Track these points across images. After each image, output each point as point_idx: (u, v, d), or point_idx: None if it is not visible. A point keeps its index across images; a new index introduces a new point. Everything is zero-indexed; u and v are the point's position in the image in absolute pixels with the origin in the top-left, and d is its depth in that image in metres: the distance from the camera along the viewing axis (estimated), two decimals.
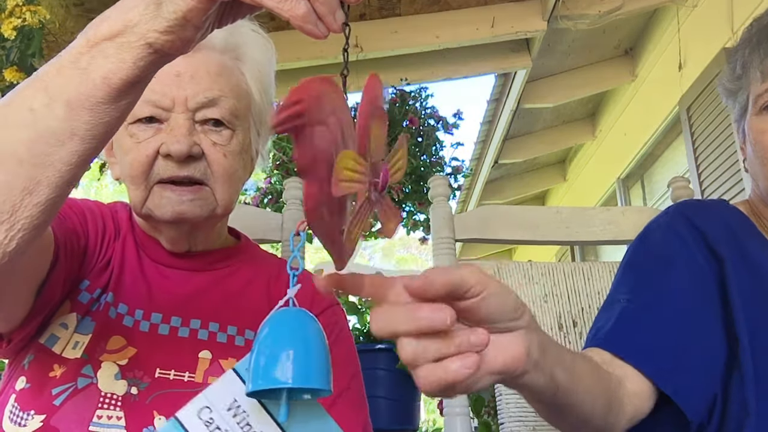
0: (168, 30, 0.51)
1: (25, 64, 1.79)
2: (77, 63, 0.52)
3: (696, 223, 0.93)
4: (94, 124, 0.53)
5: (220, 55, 0.84)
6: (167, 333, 0.82)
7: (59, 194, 0.55)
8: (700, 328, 0.87)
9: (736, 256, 0.90)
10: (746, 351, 0.84)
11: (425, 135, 2.40)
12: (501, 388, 1.20)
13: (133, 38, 0.51)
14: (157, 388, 0.78)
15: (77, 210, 0.84)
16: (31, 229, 0.54)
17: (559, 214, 1.31)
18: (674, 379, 0.82)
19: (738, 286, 0.88)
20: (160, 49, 0.52)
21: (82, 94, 0.52)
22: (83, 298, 0.80)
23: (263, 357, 0.60)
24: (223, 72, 0.84)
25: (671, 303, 0.88)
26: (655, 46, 3.54)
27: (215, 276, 0.89)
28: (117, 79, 0.52)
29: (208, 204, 0.82)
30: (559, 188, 5.42)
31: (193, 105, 0.80)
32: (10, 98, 0.55)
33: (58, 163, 0.53)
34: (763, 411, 0.82)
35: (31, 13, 1.77)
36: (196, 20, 0.51)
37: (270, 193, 2.46)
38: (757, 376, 0.83)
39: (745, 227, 0.96)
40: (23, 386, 0.76)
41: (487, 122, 4.17)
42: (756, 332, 0.85)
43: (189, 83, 0.80)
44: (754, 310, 0.86)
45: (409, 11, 3.02)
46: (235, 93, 0.84)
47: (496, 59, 3.33)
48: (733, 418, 0.83)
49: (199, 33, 0.53)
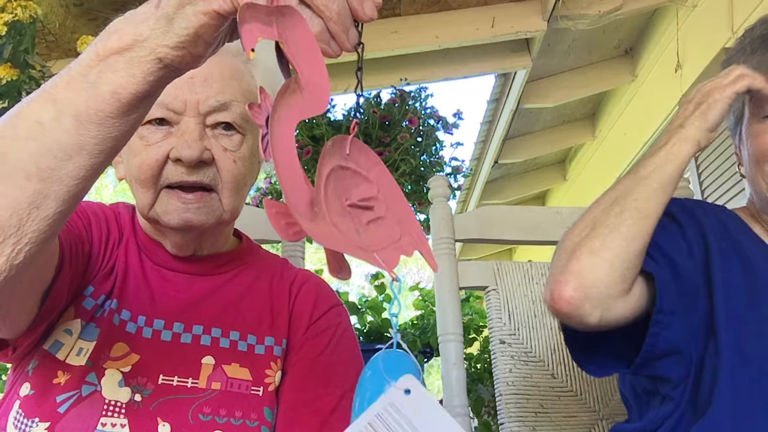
0: (179, 45, 0.50)
1: (18, 60, 1.78)
2: (86, 76, 0.52)
3: (694, 213, 0.98)
4: (102, 139, 0.53)
5: (233, 58, 0.84)
6: (170, 339, 0.82)
7: (66, 208, 0.54)
8: (691, 285, 0.91)
9: (726, 250, 0.94)
10: (721, 321, 0.88)
11: (425, 135, 2.40)
12: (501, 388, 1.20)
13: (143, 53, 0.51)
14: (161, 395, 0.78)
15: (82, 214, 0.84)
16: (38, 243, 0.54)
17: (559, 214, 1.31)
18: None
19: (723, 282, 0.91)
20: (170, 64, 0.51)
21: (91, 108, 0.51)
22: (88, 304, 0.80)
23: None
24: (235, 75, 0.83)
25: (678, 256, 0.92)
26: (655, 46, 3.54)
27: (217, 281, 0.89)
28: (126, 93, 0.51)
29: (214, 211, 0.81)
30: (559, 188, 5.41)
31: (204, 109, 0.80)
32: (19, 109, 0.54)
33: (65, 177, 0.52)
34: (739, 380, 0.85)
35: (22, 8, 1.76)
36: (207, 36, 0.51)
37: (270, 193, 2.46)
38: (731, 345, 0.87)
39: (741, 227, 0.99)
40: (27, 393, 0.76)
41: (487, 122, 4.17)
42: (737, 326, 0.88)
43: (201, 87, 0.80)
44: (739, 307, 0.90)
45: (409, 11, 3.02)
46: (246, 97, 0.84)
47: (496, 59, 3.33)
48: (706, 385, 0.87)
49: (210, 49, 0.53)
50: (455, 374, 1.20)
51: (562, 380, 1.22)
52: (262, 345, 0.86)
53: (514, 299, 1.26)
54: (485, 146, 4.36)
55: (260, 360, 0.85)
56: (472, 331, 2.38)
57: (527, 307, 1.26)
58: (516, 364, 1.21)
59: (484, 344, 2.38)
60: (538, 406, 1.19)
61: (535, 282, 1.28)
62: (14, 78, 1.75)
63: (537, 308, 1.26)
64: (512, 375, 1.20)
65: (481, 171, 4.67)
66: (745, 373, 0.85)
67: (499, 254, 6.25)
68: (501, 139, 4.12)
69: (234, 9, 0.49)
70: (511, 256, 6.52)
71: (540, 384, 1.21)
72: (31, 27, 1.81)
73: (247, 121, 0.83)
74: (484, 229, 1.27)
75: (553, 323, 1.25)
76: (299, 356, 0.87)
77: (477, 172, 4.71)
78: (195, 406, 0.78)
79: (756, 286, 0.91)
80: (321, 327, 0.89)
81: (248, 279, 0.91)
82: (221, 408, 0.79)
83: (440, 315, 1.25)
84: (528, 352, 1.23)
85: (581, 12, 2.97)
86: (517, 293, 1.27)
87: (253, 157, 0.86)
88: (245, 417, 0.80)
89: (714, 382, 0.86)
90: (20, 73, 1.77)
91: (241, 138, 0.83)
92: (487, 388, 2.20)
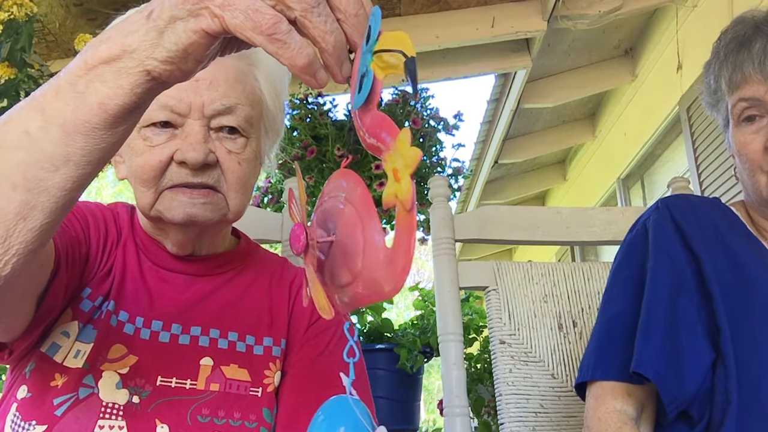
0: (168, 60, 0.49)
1: (15, 59, 1.78)
2: (75, 86, 0.51)
3: (677, 221, 0.96)
4: (89, 150, 0.51)
5: (237, 61, 0.83)
6: (168, 340, 0.81)
7: (54, 219, 0.53)
8: (684, 325, 0.90)
9: (717, 251, 0.93)
10: (727, 340, 0.87)
11: (427, 136, 2.39)
12: (501, 389, 1.20)
13: (131, 64, 0.49)
14: (159, 396, 0.77)
15: (80, 215, 0.83)
16: (26, 254, 0.53)
17: (559, 215, 1.31)
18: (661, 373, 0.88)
19: (718, 279, 0.90)
20: (158, 77, 0.50)
21: (78, 118, 0.50)
22: (85, 306, 0.80)
23: None
24: (240, 78, 0.83)
25: (659, 307, 0.92)
26: (655, 46, 3.54)
27: (216, 281, 0.89)
28: (113, 105, 0.50)
29: (219, 209, 0.81)
30: (559, 188, 5.41)
31: (209, 112, 0.79)
32: (9, 117, 0.53)
33: (52, 188, 0.52)
34: (744, 399, 0.84)
35: (18, 6, 1.76)
36: (197, 54, 0.49)
37: (270, 193, 2.45)
38: (738, 364, 0.86)
39: (733, 225, 0.98)
40: (25, 395, 0.76)
41: (487, 122, 4.17)
42: (736, 321, 0.88)
43: (206, 90, 0.79)
44: (733, 300, 0.89)
45: (409, 11, 3.02)
46: (250, 100, 0.83)
47: (496, 59, 3.33)
48: (718, 408, 0.86)
49: (200, 65, 0.51)
50: (455, 374, 1.20)
51: (562, 380, 1.22)
52: (261, 345, 0.86)
53: (514, 299, 1.26)
54: (485, 146, 4.36)
55: (259, 361, 0.84)
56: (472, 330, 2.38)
57: (527, 307, 1.26)
58: (516, 365, 1.21)
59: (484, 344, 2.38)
60: (538, 406, 1.19)
61: (535, 282, 1.28)
62: (12, 77, 1.74)
63: (537, 308, 1.26)
64: (512, 375, 1.20)
65: (481, 171, 4.67)
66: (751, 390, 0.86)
67: (499, 254, 6.26)
68: (501, 139, 4.13)
69: (222, 29, 0.47)
70: (511, 256, 6.53)
71: (540, 384, 1.21)
72: (28, 25, 1.80)
73: (251, 124, 0.83)
74: (484, 229, 1.27)
75: (553, 323, 1.25)
76: (299, 356, 0.87)
77: (477, 172, 4.72)
78: (193, 407, 0.78)
79: (747, 288, 0.91)
80: (321, 327, 0.89)
81: (247, 279, 0.91)
82: (220, 409, 0.79)
83: (440, 315, 1.25)
84: (528, 353, 1.22)
85: (581, 12, 2.97)
86: (517, 293, 1.27)
87: (257, 159, 0.86)
88: (244, 418, 0.80)
89: (726, 403, 0.85)
90: (18, 72, 1.76)
91: (245, 141, 0.82)
92: (487, 388, 2.20)
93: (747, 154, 0.94)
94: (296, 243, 0.48)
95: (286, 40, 0.46)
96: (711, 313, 0.90)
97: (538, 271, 1.29)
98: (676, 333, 0.89)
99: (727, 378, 0.86)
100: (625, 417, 0.90)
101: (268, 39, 0.46)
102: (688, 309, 0.91)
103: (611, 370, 0.93)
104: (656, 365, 0.87)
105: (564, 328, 1.24)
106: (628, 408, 0.91)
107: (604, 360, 0.94)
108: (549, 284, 1.28)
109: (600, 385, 0.94)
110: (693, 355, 0.88)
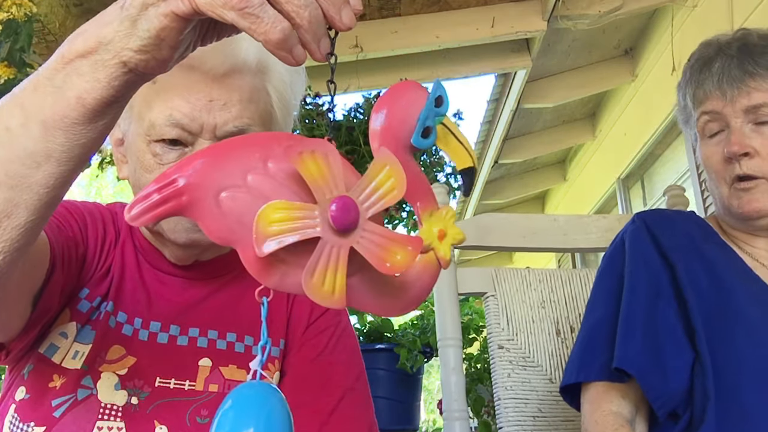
0: (142, 49, 0.48)
1: (15, 59, 1.78)
2: (53, 80, 0.50)
3: (653, 232, 1.04)
4: (69, 146, 0.51)
5: (253, 78, 0.81)
6: (166, 342, 0.81)
7: (39, 216, 0.53)
8: (663, 325, 0.95)
9: (691, 258, 0.99)
10: (702, 341, 0.92)
11: None
12: (500, 392, 1.21)
13: (107, 56, 0.49)
14: (158, 398, 0.77)
15: (77, 215, 0.82)
16: (12, 252, 0.53)
17: (556, 222, 1.32)
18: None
19: (692, 284, 0.96)
20: (134, 68, 0.49)
21: (57, 113, 0.50)
22: (83, 307, 0.79)
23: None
24: (254, 98, 0.80)
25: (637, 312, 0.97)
26: (655, 46, 3.54)
27: (215, 284, 0.88)
28: (91, 99, 0.49)
29: None
30: (559, 188, 5.41)
31: (221, 133, 0.77)
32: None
33: (35, 185, 0.51)
34: (721, 396, 0.88)
35: (17, 6, 1.76)
36: (170, 40, 0.48)
37: None
38: (714, 363, 0.90)
39: (707, 235, 1.05)
40: (23, 396, 0.76)
41: (487, 122, 4.17)
42: (711, 323, 0.93)
43: (220, 111, 0.77)
44: (709, 303, 0.94)
45: (409, 11, 3.02)
46: (263, 119, 0.81)
47: (496, 59, 3.33)
48: (698, 406, 0.90)
49: (176, 53, 0.50)
50: (454, 379, 1.21)
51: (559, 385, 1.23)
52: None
53: (513, 305, 1.27)
54: (485, 146, 4.36)
55: None
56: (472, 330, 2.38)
57: (525, 312, 1.26)
58: (514, 369, 1.22)
59: (484, 344, 2.39)
60: (536, 410, 1.20)
61: (532, 288, 1.28)
62: (11, 77, 1.74)
63: (535, 314, 1.26)
64: (511, 380, 1.21)
65: (481, 171, 4.67)
66: (726, 388, 0.89)
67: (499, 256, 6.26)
68: (501, 139, 4.12)
69: (192, 11, 0.46)
70: (511, 259, 6.54)
71: (538, 389, 1.21)
72: (28, 25, 1.80)
73: None
74: (482, 236, 1.28)
75: (550, 329, 1.26)
76: (298, 357, 0.87)
77: (477, 172, 4.71)
78: (192, 408, 0.78)
79: (722, 292, 0.96)
80: (320, 327, 0.89)
81: (246, 281, 0.91)
82: None
83: (439, 320, 1.25)
84: (526, 357, 1.23)
85: (581, 12, 2.97)
86: (515, 299, 1.27)
87: None
88: None
89: (705, 399, 0.89)
90: (17, 72, 1.76)
91: None
92: (487, 388, 2.20)
93: (711, 166, 1.02)
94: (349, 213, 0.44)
95: (259, 13, 0.44)
96: (687, 316, 0.95)
97: (536, 277, 1.30)
98: (656, 333, 0.94)
99: (705, 376, 0.90)
100: (621, 419, 0.93)
101: (239, 14, 0.45)
102: (666, 311, 0.96)
103: (594, 371, 0.97)
104: (638, 362, 0.92)
105: (561, 334, 1.25)
106: (624, 410, 0.94)
107: (588, 362, 0.98)
108: (546, 290, 1.28)
109: (595, 389, 0.97)
110: (674, 353, 0.93)
